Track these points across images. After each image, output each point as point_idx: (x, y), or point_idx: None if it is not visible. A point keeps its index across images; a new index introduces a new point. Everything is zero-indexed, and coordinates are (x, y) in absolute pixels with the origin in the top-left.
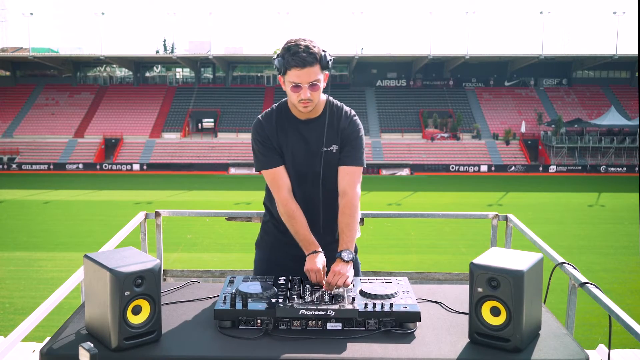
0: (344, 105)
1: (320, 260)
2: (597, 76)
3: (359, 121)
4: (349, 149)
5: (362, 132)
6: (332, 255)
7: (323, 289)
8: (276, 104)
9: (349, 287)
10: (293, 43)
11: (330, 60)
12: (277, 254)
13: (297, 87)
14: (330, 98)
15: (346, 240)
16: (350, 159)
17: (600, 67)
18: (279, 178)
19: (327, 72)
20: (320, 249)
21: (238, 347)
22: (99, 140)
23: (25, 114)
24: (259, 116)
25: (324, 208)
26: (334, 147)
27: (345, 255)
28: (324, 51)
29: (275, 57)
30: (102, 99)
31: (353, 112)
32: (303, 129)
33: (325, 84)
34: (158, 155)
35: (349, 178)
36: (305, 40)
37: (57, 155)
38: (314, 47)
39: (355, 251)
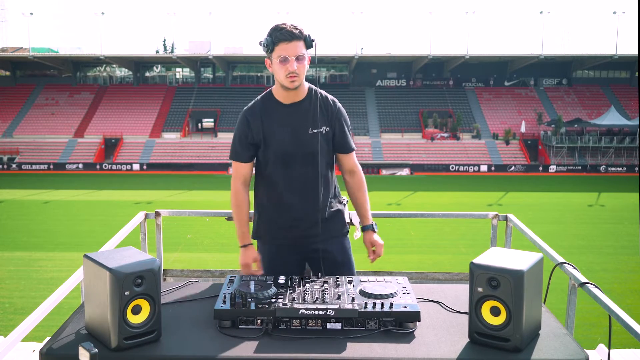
0: (328, 93)
1: (251, 254)
2: (597, 76)
3: (342, 107)
4: (344, 135)
5: (346, 115)
6: (328, 227)
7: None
8: (260, 95)
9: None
10: (279, 24)
11: (313, 40)
12: (270, 240)
13: (284, 60)
14: (313, 85)
15: (368, 215)
16: (347, 145)
17: (600, 67)
18: (241, 170)
19: (309, 56)
20: (251, 242)
21: (238, 346)
22: (98, 140)
23: (25, 114)
24: (244, 109)
25: (321, 186)
26: (324, 129)
27: (375, 227)
28: (308, 34)
29: (261, 41)
30: (102, 99)
31: (337, 100)
32: (288, 112)
33: (308, 66)
34: (158, 155)
35: (350, 160)
36: (291, 23)
37: (57, 155)
38: (299, 26)
39: (347, 232)
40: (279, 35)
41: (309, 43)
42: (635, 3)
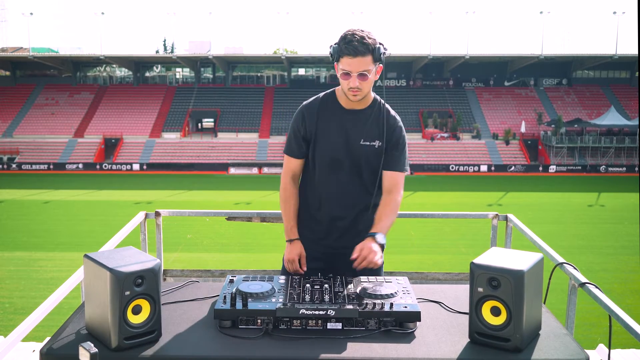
0: (390, 108)
1: (295, 250)
2: (597, 76)
3: (403, 127)
4: (397, 154)
5: (405, 137)
6: (358, 241)
7: (352, 259)
8: (323, 93)
9: (378, 266)
10: (350, 32)
11: (384, 53)
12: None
13: (347, 74)
14: (379, 97)
15: (382, 225)
16: (398, 164)
17: (600, 67)
18: (292, 165)
19: (380, 65)
20: (297, 237)
21: (238, 346)
22: (98, 140)
23: (25, 114)
24: (303, 103)
25: (358, 198)
26: (377, 143)
27: (380, 238)
28: (380, 44)
29: (331, 46)
30: (102, 99)
31: (399, 118)
32: (345, 118)
33: (377, 77)
34: (158, 155)
35: (394, 181)
36: (363, 31)
37: (57, 155)
38: (369, 38)
39: (383, 248)
40: (344, 49)
41: (377, 57)
42: (635, 3)
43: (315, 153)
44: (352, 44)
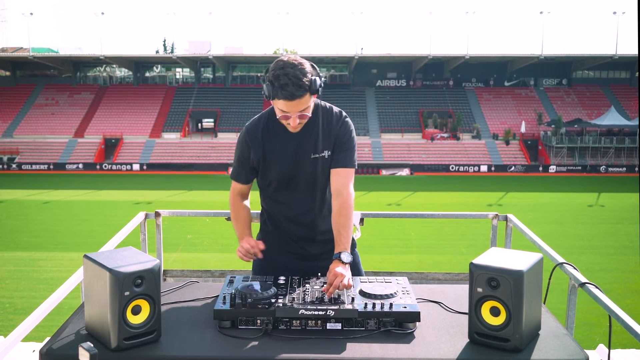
0: (333, 107)
1: (249, 240)
2: (597, 76)
3: (350, 122)
4: (341, 151)
5: (354, 132)
6: (328, 249)
7: (323, 291)
8: (267, 110)
9: (350, 289)
10: (281, 71)
11: (321, 83)
12: (274, 251)
13: (285, 117)
14: (318, 101)
15: (343, 242)
16: (343, 161)
17: (600, 67)
18: (237, 189)
19: (314, 96)
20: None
21: (238, 347)
22: (98, 140)
23: (25, 114)
24: (246, 126)
25: (320, 216)
26: (326, 153)
27: (345, 257)
28: (314, 75)
29: (262, 78)
30: (102, 99)
31: (344, 113)
32: (292, 134)
33: (313, 102)
34: (158, 155)
35: (342, 179)
36: (294, 66)
37: (57, 155)
38: (304, 75)
39: (354, 246)
40: (279, 94)
41: (314, 90)
42: (635, 3)
43: (268, 175)
44: (288, 89)
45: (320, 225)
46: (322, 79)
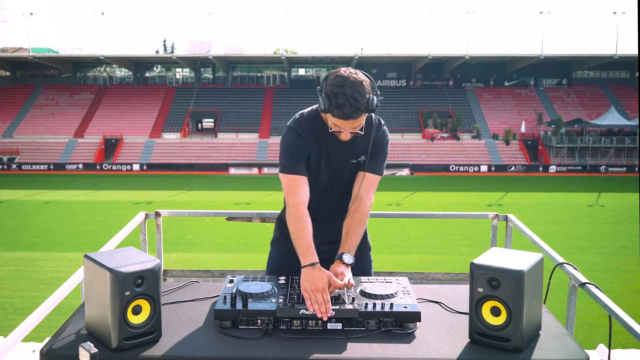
0: (372, 114)
1: (323, 277)
2: (597, 76)
3: (387, 131)
4: (375, 157)
5: (389, 142)
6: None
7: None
8: (306, 112)
9: (350, 288)
10: (340, 89)
11: (377, 103)
12: (293, 252)
13: (338, 130)
14: None
15: (350, 244)
16: (373, 167)
17: (600, 67)
18: (297, 183)
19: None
20: (317, 261)
21: (238, 347)
22: (98, 140)
23: (25, 114)
24: (294, 122)
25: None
26: (362, 158)
27: (347, 258)
28: (371, 94)
29: (319, 90)
30: (102, 99)
31: (383, 122)
32: (337, 139)
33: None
34: (158, 156)
35: (366, 184)
36: (354, 85)
37: (57, 155)
38: (362, 96)
39: (368, 249)
40: (335, 112)
41: (371, 110)
42: (635, 3)
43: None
44: (345, 110)
45: (341, 228)
46: (380, 97)
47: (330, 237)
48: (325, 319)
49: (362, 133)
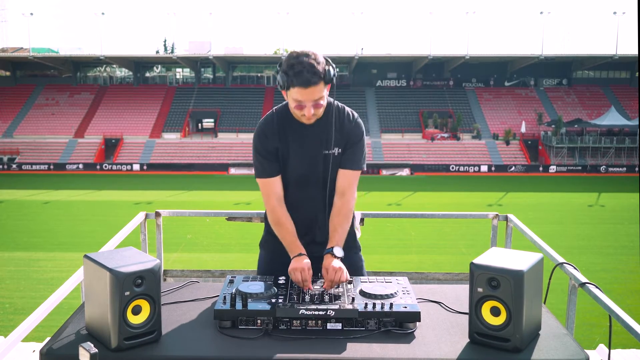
0: (345, 107)
1: (306, 261)
2: (597, 76)
3: (362, 123)
4: (351, 152)
5: (365, 134)
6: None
7: (323, 288)
8: (276, 108)
9: (350, 281)
10: (296, 60)
11: (335, 73)
12: (281, 254)
13: (300, 106)
14: (332, 100)
15: (337, 238)
16: (352, 162)
17: (600, 67)
18: (270, 187)
19: (328, 86)
20: (304, 252)
21: (238, 347)
22: (99, 140)
23: (25, 114)
24: (260, 123)
25: (327, 210)
26: (337, 150)
27: (337, 251)
28: (327, 65)
29: (278, 69)
30: (102, 99)
31: (356, 115)
32: (306, 131)
33: (327, 93)
34: (158, 156)
35: (348, 180)
36: (308, 55)
37: (57, 155)
38: (318, 63)
39: (358, 249)
40: (295, 81)
41: (329, 79)
42: (635, 3)
43: (282, 173)
44: (303, 76)
45: (327, 226)
46: (336, 70)
47: (316, 236)
48: (305, 290)
49: (324, 105)
